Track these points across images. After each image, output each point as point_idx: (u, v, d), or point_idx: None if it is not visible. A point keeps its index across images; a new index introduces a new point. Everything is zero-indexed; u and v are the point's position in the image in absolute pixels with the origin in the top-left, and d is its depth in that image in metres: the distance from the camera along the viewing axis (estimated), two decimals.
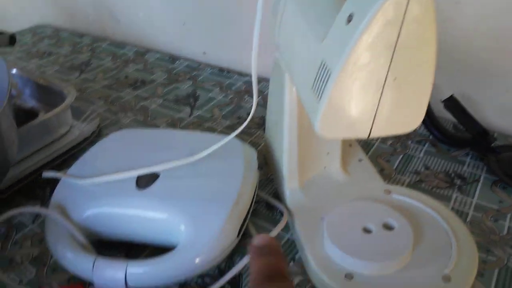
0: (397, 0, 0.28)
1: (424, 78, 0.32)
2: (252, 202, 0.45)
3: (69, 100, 0.62)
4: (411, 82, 0.32)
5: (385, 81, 0.32)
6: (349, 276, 0.38)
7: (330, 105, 0.33)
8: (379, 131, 0.35)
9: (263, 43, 0.42)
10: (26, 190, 0.54)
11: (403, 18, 0.28)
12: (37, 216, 0.50)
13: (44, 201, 0.52)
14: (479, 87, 0.62)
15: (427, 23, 0.29)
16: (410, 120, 0.35)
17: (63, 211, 0.43)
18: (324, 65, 0.33)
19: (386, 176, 0.53)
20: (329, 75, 0.32)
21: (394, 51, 0.30)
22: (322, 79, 0.33)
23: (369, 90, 0.32)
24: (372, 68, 0.31)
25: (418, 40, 0.30)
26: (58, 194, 0.45)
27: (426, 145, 0.58)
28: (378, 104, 0.33)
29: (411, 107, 0.34)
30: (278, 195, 0.51)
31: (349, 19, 0.30)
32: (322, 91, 0.33)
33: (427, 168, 0.54)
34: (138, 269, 0.38)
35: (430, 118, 0.57)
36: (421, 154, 0.57)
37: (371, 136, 0.35)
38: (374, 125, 0.34)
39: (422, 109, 0.34)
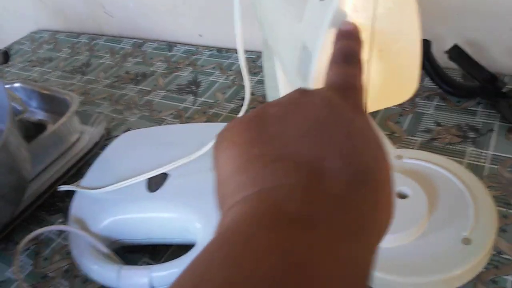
0: None
1: (411, 44, 0.30)
2: None
3: (73, 107, 0.62)
4: (397, 52, 0.30)
5: (370, 55, 0.30)
6: None
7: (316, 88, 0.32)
8: (373, 106, 0.33)
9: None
10: (48, 205, 0.55)
11: None
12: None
13: (66, 213, 0.53)
14: (483, 31, 0.59)
15: None
16: (404, 89, 0.33)
17: (83, 224, 0.44)
18: (305, 47, 0.32)
19: (397, 139, 0.52)
20: (311, 57, 0.31)
21: (373, 23, 0.28)
22: (305, 62, 0.31)
23: None
24: None
25: (396, 5, 0.28)
26: (76, 207, 0.47)
27: (435, 99, 0.57)
28: (368, 79, 0.32)
29: (402, 76, 0.32)
30: None
31: None
32: (307, 74, 0.32)
33: (438, 124, 0.53)
34: (161, 272, 0.39)
35: (436, 71, 0.55)
36: (431, 111, 0.55)
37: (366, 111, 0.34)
38: (367, 100, 0.33)
39: (414, 76, 0.33)
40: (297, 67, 0.32)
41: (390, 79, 0.31)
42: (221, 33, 0.81)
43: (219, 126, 0.51)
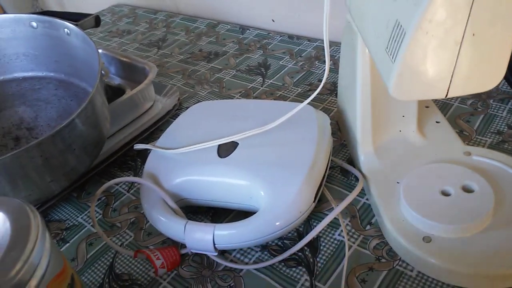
0: None
1: (505, 31, 0.31)
2: (326, 167, 0.47)
3: (151, 76, 0.66)
4: (490, 37, 0.31)
5: (463, 37, 0.30)
6: (427, 239, 0.39)
7: (405, 66, 0.32)
8: (457, 91, 0.34)
9: (332, 7, 0.42)
10: (119, 162, 0.59)
11: None
12: (131, 185, 0.55)
13: (136, 171, 0.57)
14: None
15: None
16: (490, 77, 0.33)
17: (155, 180, 0.47)
18: (398, 24, 0.32)
19: (466, 137, 0.52)
20: (404, 35, 0.31)
21: (472, 5, 0.29)
22: (396, 40, 0.32)
23: (446, 48, 0.31)
24: (449, 25, 0.30)
25: None
26: (150, 164, 0.50)
27: (510, 103, 0.56)
28: (456, 62, 0.32)
29: (491, 64, 0.32)
30: (352, 161, 0.52)
31: None
32: (397, 52, 0.32)
33: (510, 127, 0.52)
34: (224, 231, 0.42)
35: None
36: (504, 113, 0.54)
37: (448, 95, 0.34)
38: (451, 84, 0.33)
39: (502, 65, 0.33)
40: (385, 45, 0.33)
41: (478, 64, 0.31)
42: (294, 20, 0.83)
43: (287, 105, 0.54)
